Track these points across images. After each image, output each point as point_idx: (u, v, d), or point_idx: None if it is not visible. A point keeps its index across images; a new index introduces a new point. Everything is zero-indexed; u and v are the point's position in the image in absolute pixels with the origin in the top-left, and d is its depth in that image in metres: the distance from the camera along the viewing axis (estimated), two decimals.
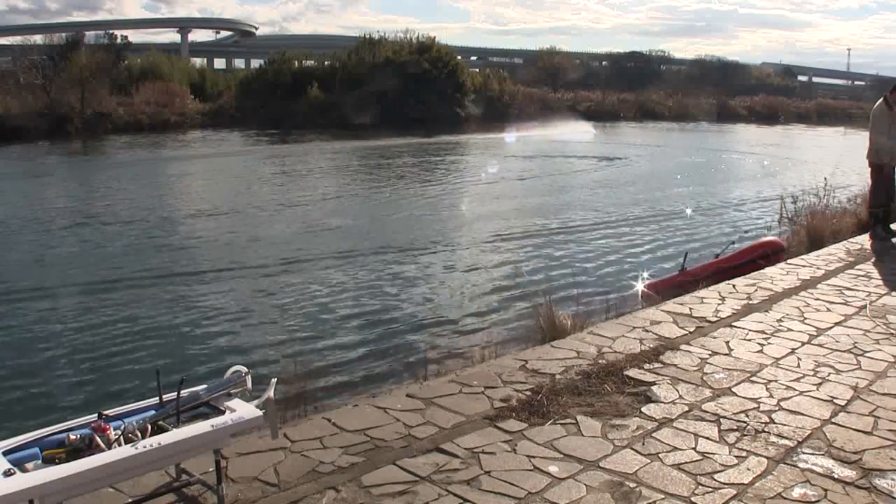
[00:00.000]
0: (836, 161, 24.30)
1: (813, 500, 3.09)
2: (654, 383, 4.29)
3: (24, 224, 14.74)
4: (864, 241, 8.54)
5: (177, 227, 14.56)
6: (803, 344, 4.98)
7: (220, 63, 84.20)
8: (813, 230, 9.22)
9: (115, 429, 2.74)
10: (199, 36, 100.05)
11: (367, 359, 7.53)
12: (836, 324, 5.41)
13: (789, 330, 5.27)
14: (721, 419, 3.83)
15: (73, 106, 36.07)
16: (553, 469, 3.32)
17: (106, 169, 24.62)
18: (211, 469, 2.96)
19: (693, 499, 3.09)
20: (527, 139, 36.29)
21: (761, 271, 7.12)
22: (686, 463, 3.38)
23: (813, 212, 10.27)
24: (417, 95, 45.37)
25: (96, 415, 2.84)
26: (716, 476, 3.27)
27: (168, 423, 2.86)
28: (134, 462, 2.61)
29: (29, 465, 2.56)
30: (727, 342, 5.02)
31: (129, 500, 3.00)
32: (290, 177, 22.29)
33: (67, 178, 22.47)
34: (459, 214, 16.46)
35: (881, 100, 8.74)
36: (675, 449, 3.51)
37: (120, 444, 2.68)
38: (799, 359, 4.71)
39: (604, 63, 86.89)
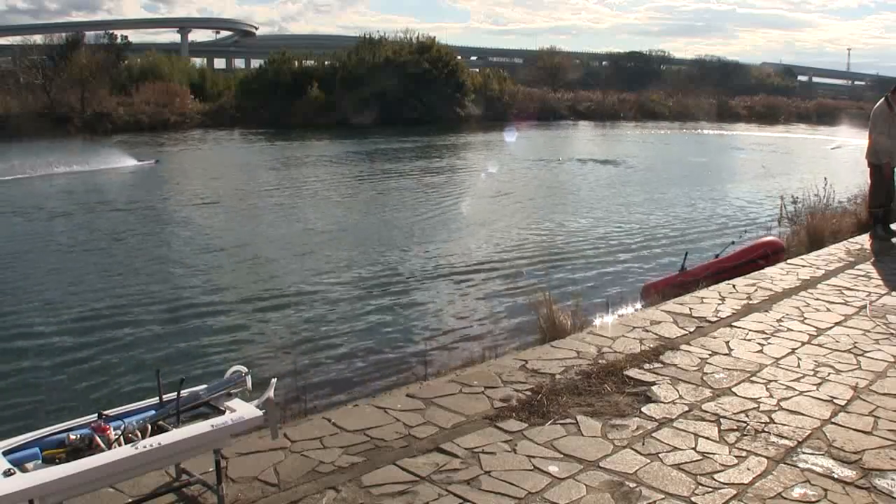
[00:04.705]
0: (836, 161, 24.29)
1: (813, 500, 3.09)
2: (654, 383, 4.29)
3: (19, 226, 14.75)
4: (864, 241, 8.53)
5: (174, 228, 14.56)
6: (803, 344, 4.98)
7: (220, 63, 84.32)
8: (813, 230, 9.20)
9: (115, 429, 2.73)
10: (199, 36, 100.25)
11: (367, 359, 7.54)
12: (836, 324, 5.41)
13: (789, 330, 5.27)
14: (721, 419, 3.83)
15: (73, 106, 36.11)
16: (553, 469, 3.32)
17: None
18: (211, 469, 2.96)
19: (693, 499, 3.09)
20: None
21: (761, 271, 7.11)
22: (686, 463, 3.38)
23: (813, 212, 10.24)
24: (417, 95, 45.41)
25: (96, 415, 2.83)
26: (716, 476, 3.27)
27: (168, 423, 2.85)
28: (134, 462, 2.61)
29: (29, 465, 2.55)
30: (727, 342, 5.02)
31: (129, 500, 3.00)
32: (290, 177, 22.28)
33: (65, 177, 22.43)
34: (460, 214, 16.46)
35: (882, 100, 8.73)
36: (675, 449, 3.51)
37: (120, 444, 2.68)
38: (799, 359, 4.71)
39: (604, 63, 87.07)
